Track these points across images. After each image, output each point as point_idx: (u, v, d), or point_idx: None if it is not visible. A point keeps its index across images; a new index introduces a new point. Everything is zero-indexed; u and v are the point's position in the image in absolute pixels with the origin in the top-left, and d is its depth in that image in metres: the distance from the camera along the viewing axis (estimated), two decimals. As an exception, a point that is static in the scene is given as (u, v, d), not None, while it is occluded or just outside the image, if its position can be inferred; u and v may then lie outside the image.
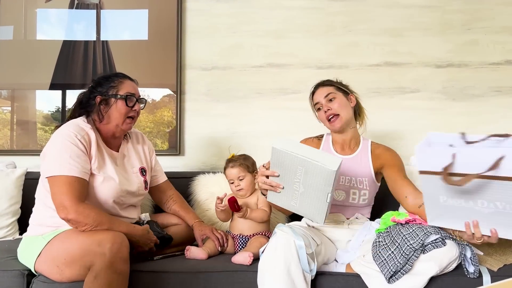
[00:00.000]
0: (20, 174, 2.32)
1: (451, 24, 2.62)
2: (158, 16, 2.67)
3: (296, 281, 1.54)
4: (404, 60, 2.63)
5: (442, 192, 1.42)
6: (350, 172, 1.92)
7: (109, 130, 1.81)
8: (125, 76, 1.86)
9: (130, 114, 1.82)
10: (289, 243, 1.57)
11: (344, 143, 1.98)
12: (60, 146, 1.66)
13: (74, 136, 1.68)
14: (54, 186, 1.64)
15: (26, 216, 1.85)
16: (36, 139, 2.67)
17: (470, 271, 1.60)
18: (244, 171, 2.05)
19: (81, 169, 1.66)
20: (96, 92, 1.80)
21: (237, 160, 2.07)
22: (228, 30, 2.67)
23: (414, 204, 1.77)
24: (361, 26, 2.64)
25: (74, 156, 1.65)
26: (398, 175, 1.89)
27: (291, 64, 2.66)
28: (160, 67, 2.66)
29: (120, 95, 1.78)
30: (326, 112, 1.92)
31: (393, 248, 1.56)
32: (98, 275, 1.49)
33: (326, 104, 1.92)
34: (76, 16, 2.68)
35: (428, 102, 2.62)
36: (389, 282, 1.55)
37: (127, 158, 1.92)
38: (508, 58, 2.60)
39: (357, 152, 1.97)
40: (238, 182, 2.05)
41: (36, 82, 2.66)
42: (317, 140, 2.05)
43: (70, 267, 1.58)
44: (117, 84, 1.80)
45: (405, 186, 1.84)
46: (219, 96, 2.67)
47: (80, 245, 1.57)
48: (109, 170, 1.77)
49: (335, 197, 1.90)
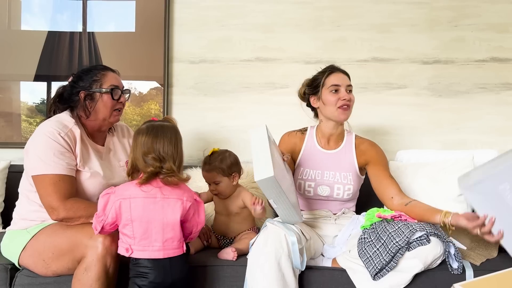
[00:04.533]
0: (3, 167, 2.29)
1: (438, 20, 2.64)
2: (146, 7, 2.64)
3: (286, 274, 1.55)
4: (391, 56, 2.64)
5: (507, 179, 1.42)
6: (334, 167, 1.92)
7: (96, 124, 1.79)
8: (105, 67, 1.82)
9: (117, 107, 1.80)
10: (279, 237, 1.57)
11: (331, 136, 1.97)
12: (43, 144, 1.63)
13: (57, 133, 1.65)
14: (39, 186, 1.62)
15: (10, 210, 1.83)
16: (20, 131, 2.63)
17: (454, 267, 1.62)
18: (219, 176, 1.89)
19: (65, 166, 1.64)
20: (78, 87, 1.76)
21: (212, 162, 1.90)
22: (217, 23, 2.66)
23: (400, 203, 1.78)
24: (349, 21, 2.65)
25: (57, 153, 1.63)
26: (383, 174, 1.89)
27: (279, 59, 2.65)
28: (148, 60, 2.63)
29: (105, 89, 1.75)
30: (343, 100, 1.86)
31: (378, 245, 1.58)
32: (88, 268, 1.49)
33: (346, 93, 1.88)
34: (61, 6, 2.62)
35: (414, 98, 2.64)
36: (374, 279, 1.57)
37: (113, 152, 1.90)
38: (494, 55, 2.63)
39: (341, 146, 1.96)
40: (214, 186, 1.92)
41: (21, 73, 2.61)
42: (301, 134, 2.02)
43: (58, 261, 1.58)
44: (100, 78, 1.76)
45: (390, 187, 1.84)
46: (207, 90, 2.66)
47: (69, 239, 1.56)
48: (94, 165, 1.75)
49: (319, 192, 1.91)
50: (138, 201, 1.47)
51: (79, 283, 1.49)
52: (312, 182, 1.92)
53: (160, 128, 1.53)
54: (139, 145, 1.50)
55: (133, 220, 1.46)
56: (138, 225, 1.47)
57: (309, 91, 1.98)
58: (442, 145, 2.61)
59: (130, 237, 1.48)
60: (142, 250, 1.47)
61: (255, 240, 1.65)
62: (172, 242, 1.50)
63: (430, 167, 2.16)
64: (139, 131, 1.53)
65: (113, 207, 1.46)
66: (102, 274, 1.50)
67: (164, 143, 1.49)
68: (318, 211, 1.95)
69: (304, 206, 1.99)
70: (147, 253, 1.47)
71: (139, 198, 1.47)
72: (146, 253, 1.47)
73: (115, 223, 1.49)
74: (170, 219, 1.49)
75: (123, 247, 1.49)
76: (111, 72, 1.82)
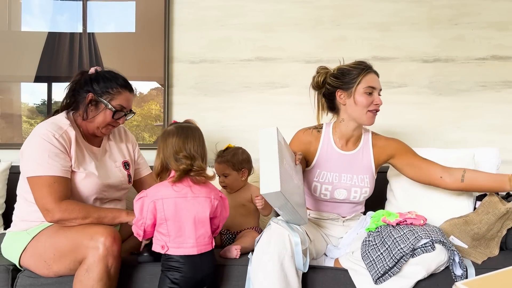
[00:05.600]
0: (4, 168, 2.29)
1: (438, 19, 2.64)
2: (146, 8, 2.64)
3: (289, 275, 1.53)
4: (391, 54, 2.64)
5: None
6: (351, 169, 1.86)
7: (90, 128, 1.79)
8: (126, 86, 1.80)
9: (113, 124, 1.80)
10: (283, 237, 1.55)
11: (351, 138, 1.88)
12: (37, 146, 1.63)
13: (52, 135, 1.65)
14: (34, 188, 1.62)
15: (11, 211, 1.83)
16: (21, 132, 2.63)
17: (457, 274, 1.60)
18: (229, 169, 2.01)
19: (60, 167, 1.63)
20: (90, 88, 1.75)
21: (225, 155, 2.03)
22: (216, 23, 2.66)
23: (453, 181, 1.76)
24: (349, 20, 2.65)
25: (52, 155, 1.63)
26: (417, 160, 1.85)
27: (279, 58, 2.65)
28: (148, 60, 2.63)
29: (111, 106, 1.74)
30: (376, 104, 1.78)
31: (382, 250, 1.56)
32: (90, 269, 1.49)
33: (379, 98, 1.80)
34: (61, 7, 2.63)
35: (415, 97, 2.64)
36: (376, 283, 1.56)
37: (109, 153, 1.89)
38: (494, 53, 2.63)
39: (359, 148, 1.89)
40: (222, 178, 2.04)
41: (21, 75, 2.61)
42: (317, 132, 1.90)
43: (59, 262, 1.58)
44: (114, 93, 1.75)
45: (433, 168, 1.81)
46: (207, 90, 2.66)
47: (71, 240, 1.56)
48: (89, 166, 1.75)
49: (336, 196, 1.86)
50: (170, 201, 1.54)
51: (80, 284, 1.49)
52: (329, 185, 1.84)
53: (189, 129, 1.61)
54: (169, 146, 1.56)
55: (167, 219, 1.53)
56: (172, 224, 1.53)
57: (337, 84, 1.82)
58: (443, 143, 2.60)
59: (165, 235, 1.54)
60: (177, 247, 1.54)
61: (259, 238, 1.64)
62: (204, 238, 1.57)
63: (431, 165, 2.15)
64: (168, 133, 1.59)
65: (149, 209, 1.52)
66: (104, 275, 1.50)
67: (193, 143, 1.57)
68: (326, 214, 1.91)
69: (312, 206, 1.93)
70: (181, 250, 1.53)
71: (171, 198, 1.54)
72: (180, 250, 1.53)
73: (154, 223, 1.55)
74: (201, 217, 1.56)
75: (159, 244, 1.55)
76: (128, 92, 1.80)
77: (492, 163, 2.17)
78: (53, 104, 2.61)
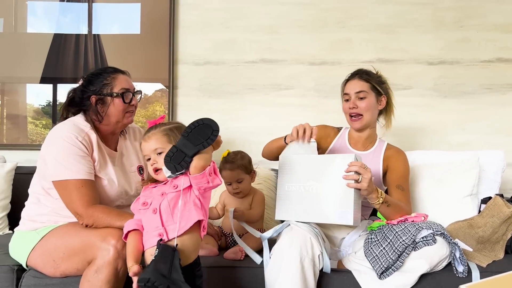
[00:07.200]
0: (10, 169, 2.30)
1: (443, 21, 2.63)
2: (151, 10, 2.65)
3: (308, 277, 1.55)
4: (396, 56, 2.64)
5: None
6: None
7: (109, 128, 1.77)
8: (115, 70, 1.78)
9: (129, 109, 1.77)
10: (305, 239, 1.57)
11: (359, 140, 1.96)
12: (62, 149, 1.61)
13: (75, 138, 1.63)
14: (62, 193, 1.62)
15: (16, 211, 1.84)
16: (26, 133, 2.64)
17: (459, 270, 1.62)
18: (243, 173, 1.94)
19: (87, 170, 1.62)
20: (89, 92, 1.73)
21: (235, 161, 1.94)
22: (221, 25, 2.66)
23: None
24: (354, 22, 2.65)
25: (78, 158, 1.61)
26: (393, 181, 1.85)
27: (284, 60, 2.65)
28: (153, 62, 2.64)
29: (116, 93, 1.72)
30: (351, 109, 1.88)
31: (384, 244, 1.58)
32: (99, 270, 1.48)
33: (354, 101, 1.87)
34: (66, 9, 2.65)
35: (420, 99, 2.63)
36: (380, 278, 1.57)
37: (126, 157, 1.87)
38: (499, 55, 2.62)
39: (370, 151, 1.94)
40: (236, 185, 1.94)
41: (27, 76, 2.63)
42: (336, 130, 2.04)
43: (68, 261, 1.58)
44: (110, 81, 1.73)
45: (392, 196, 1.80)
46: (212, 92, 2.66)
47: (82, 239, 1.55)
48: (109, 171, 1.74)
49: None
50: None
51: (88, 283, 1.49)
52: None
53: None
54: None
55: None
56: None
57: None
58: (447, 146, 2.60)
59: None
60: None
61: (275, 237, 1.66)
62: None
63: (436, 168, 2.15)
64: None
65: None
66: (112, 277, 1.49)
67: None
68: None
69: None
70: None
71: None
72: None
73: None
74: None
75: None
76: (122, 74, 1.78)
77: (497, 166, 2.17)
78: (58, 105, 2.62)
